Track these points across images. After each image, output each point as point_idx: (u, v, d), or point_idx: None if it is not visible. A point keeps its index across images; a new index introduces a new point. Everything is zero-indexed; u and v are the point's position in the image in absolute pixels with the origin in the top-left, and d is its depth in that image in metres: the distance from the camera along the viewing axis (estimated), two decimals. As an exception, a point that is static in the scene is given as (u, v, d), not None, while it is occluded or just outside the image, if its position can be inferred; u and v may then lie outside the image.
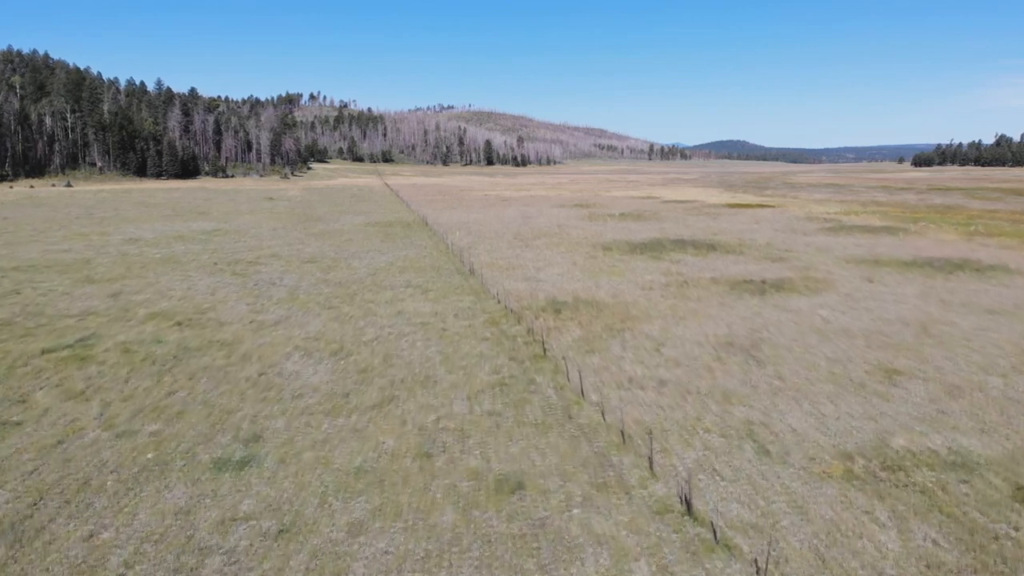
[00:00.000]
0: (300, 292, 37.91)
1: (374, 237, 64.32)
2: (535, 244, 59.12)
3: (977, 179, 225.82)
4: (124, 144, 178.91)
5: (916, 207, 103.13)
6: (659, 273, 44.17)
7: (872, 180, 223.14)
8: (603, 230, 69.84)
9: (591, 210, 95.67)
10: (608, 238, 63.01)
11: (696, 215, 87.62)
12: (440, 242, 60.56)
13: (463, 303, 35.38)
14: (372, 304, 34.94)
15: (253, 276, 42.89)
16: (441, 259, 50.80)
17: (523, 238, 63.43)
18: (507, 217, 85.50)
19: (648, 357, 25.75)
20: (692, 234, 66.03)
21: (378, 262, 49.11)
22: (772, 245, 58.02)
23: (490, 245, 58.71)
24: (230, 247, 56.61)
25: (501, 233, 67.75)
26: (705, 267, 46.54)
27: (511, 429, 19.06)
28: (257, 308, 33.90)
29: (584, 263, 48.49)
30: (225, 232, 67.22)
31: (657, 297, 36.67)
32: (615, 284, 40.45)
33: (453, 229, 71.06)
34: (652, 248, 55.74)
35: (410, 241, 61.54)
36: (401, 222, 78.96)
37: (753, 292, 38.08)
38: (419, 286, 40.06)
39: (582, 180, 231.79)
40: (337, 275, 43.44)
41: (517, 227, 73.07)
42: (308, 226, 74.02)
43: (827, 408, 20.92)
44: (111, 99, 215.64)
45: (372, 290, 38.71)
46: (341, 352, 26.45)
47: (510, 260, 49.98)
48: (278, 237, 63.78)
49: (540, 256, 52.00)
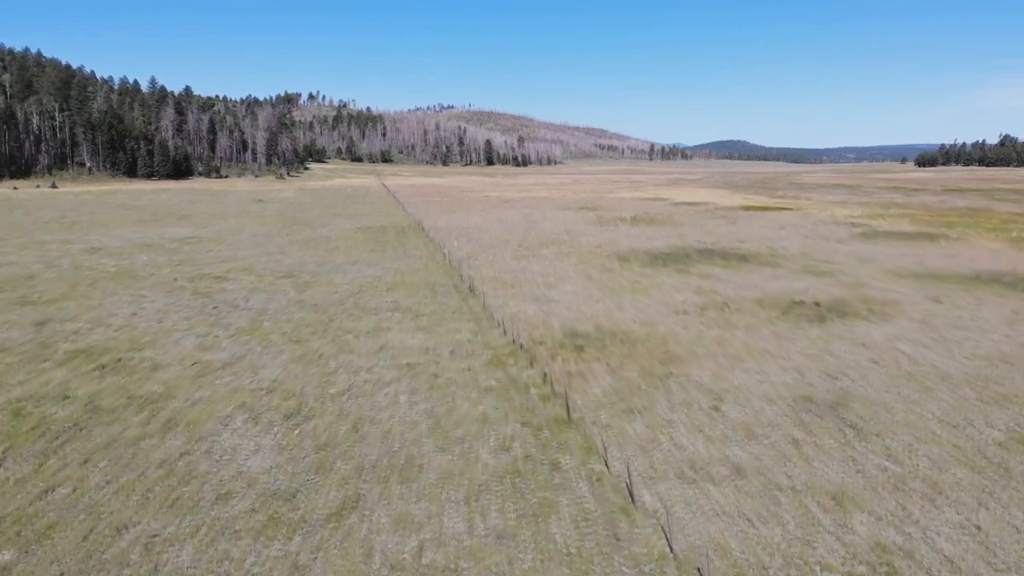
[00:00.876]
0: (265, 318, 31.28)
1: (363, 245, 57.69)
2: (542, 254, 52.51)
3: (986, 179, 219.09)
4: (113, 144, 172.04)
5: (940, 210, 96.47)
6: (690, 291, 37.54)
7: (880, 180, 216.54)
8: (616, 236, 63.21)
9: (599, 213, 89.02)
10: (623, 246, 56.38)
11: (713, 219, 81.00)
12: (437, 251, 53.95)
13: (461, 333, 28.79)
14: (350, 336, 28.32)
15: (216, 296, 36.25)
16: (437, 272, 44.20)
17: (529, 246, 56.81)
18: (510, 221, 78.89)
19: (708, 422, 19.15)
20: (715, 241, 59.42)
21: (364, 276, 42.49)
22: (808, 255, 51.42)
23: (492, 255, 52.11)
24: (201, 257, 49.97)
25: (504, 240, 61.14)
26: (742, 283, 39.91)
27: (534, 571, 12.45)
28: (207, 343, 27.28)
29: (601, 278, 41.88)
30: (200, 239, 60.57)
31: (697, 325, 30.06)
32: (642, 306, 33.82)
33: (451, 235, 64.47)
34: (676, 259, 49.10)
35: (403, 250, 54.91)
36: (395, 227, 72.32)
37: (810, 318, 31.47)
38: (409, 309, 33.45)
39: (584, 180, 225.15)
40: (314, 294, 36.80)
41: (521, 233, 66.47)
42: (293, 232, 67.38)
43: (983, 518, 14.34)
44: (103, 98, 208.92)
45: (352, 315, 32.08)
46: (299, 413, 19.84)
47: (516, 274, 43.38)
48: (257, 245, 57.14)
49: (550, 269, 45.39)
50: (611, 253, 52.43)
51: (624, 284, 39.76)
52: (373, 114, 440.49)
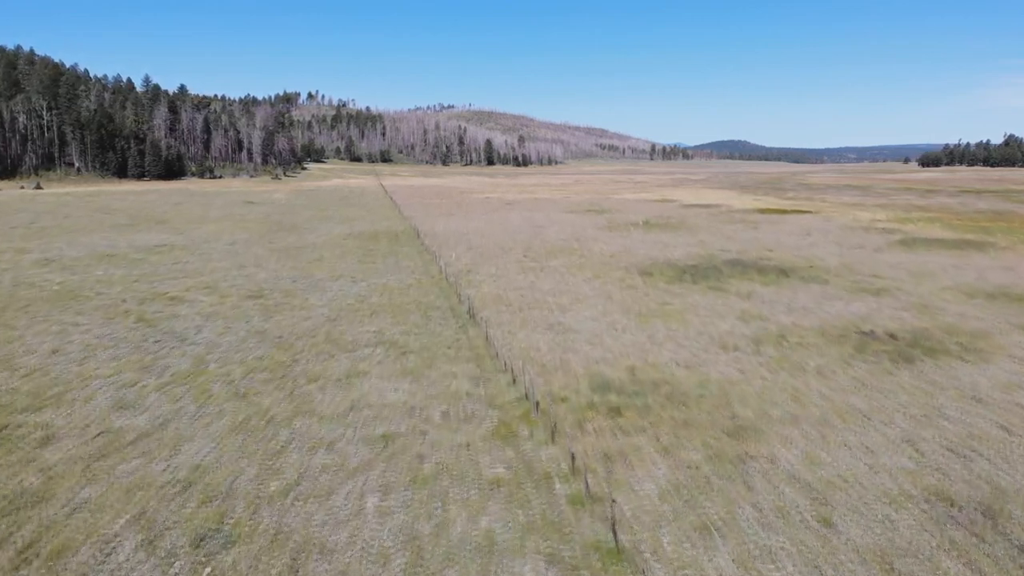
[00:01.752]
0: (213, 358, 24.80)
1: (351, 255, 51.22)
2: (552, 265, 46.05)
3: (996, 180, 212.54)
4: (103, 143, 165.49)
5: (966, 213, 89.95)
6: (734, 317, 31.07)
7: (889, 181, 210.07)
8: (630, 244, 56.74)
9: (607, 217, 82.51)
10: (641, 256, 49.91)
11: (730, 223, 74.55)
12: (433, 262, 47.50)
13: (458, 381, 22.35)
14: (314, 386, 21.86)
15: (162, 325, 29.78)
16: (431, 291, 37.76)
17: (535, 256, 50.34)
18: (513, 226, 72.43)
19: (824, 552, 12.68)
20: (741, 249, 52.95)
21: (346, 296, 36.02)
22: (851, 268, 44.99)
23: (495, 267, 45.68)
24: (164, 271, 43.50)
25: (507, 248, 54.68)
26: (791, 305, 33.44)
27: None
28: (128, 398, 20.84)
29: (623, 298, 35.42)
30: (171, 248, 54.08)
31: (756, 368, 23.61)
32: (681, 339, 27.37)
33: (450, 242, 58.01)
34: (705, 273, 42.64)
35: (395, 261, 48.45)
36: (389, 233, 65.84)
37: (892, 357, 25.01)
38: (395, 343, 27.00)
39: (587, 181, 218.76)
40: (281, 322, 30.32)
41: (526, 240, 60.00)
42: (277, 238, 60.89)
43: None
44: (96, 96, 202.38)
45: (323, 353, 25.62)
46: (217, 533, 13.37)
47: (523, 293, 36.93)
48: (232, 255, 50.65)
49: (562, 285, 38.94)
50: (629, 265, 45.97)
51: (652, 306, 33.31)
52: (372, 114, 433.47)
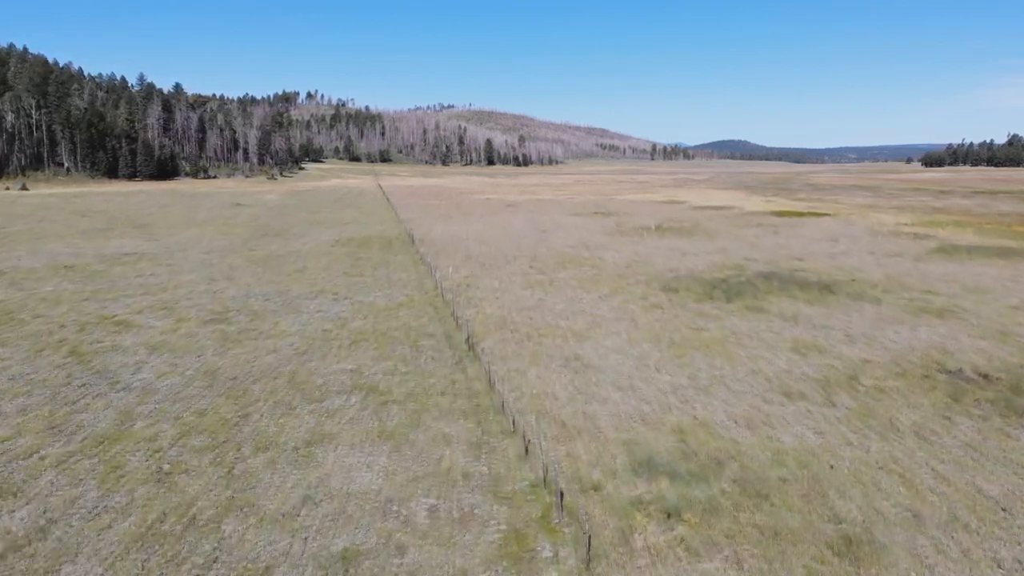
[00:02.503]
0: (141, 415, 19.40)
1: (338, 265, 45.83)
2: (561, 278, 40.69)
3: (1003, 180, 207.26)
4: (93, 143, 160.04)
5: (990, 216, 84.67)
6: (788, 349, 25.67)
7: (896, 181, 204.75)
8: (645, 252, 51.36)
9: (616, 220, 77.12)
10: (660, 266, 44.53)
11: (748, 227, 69.21)
12: (427, 275, 42.15)
13: (453, 453, 16.99)
14: (261, 461, 16.49)
15: (96, 361, 24.40)
16: (424, 311, 32.38)
17: (543, 267, 44.97)
18: (516, 230, 67.05)
19: None
20: (770, 259, 47.59)
21: (324, 319, 30.64)
22: (898, 281, 39.64)
23: (497, 280, 40.31)
24: (121, 286, 38.12)
25: (511, 257, 49.30)
26: (850, 332, 28.05)
27: None
28: (9, 482, 15.47)
29: (649, 320, 30.04)
30: (139, 257, 48.70)
31: (837, 429, 18.22)
32: (731, 381, 22.00)
33: (447, 249, 52.64)
34: (738, 288, 37.22)
35: (386, 273, 43.07)
36: (382, 239, 60.45)
37: (999, 408, 19.62)
38: (374, 388, 21.64)
39: (588, 181, 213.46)
40: (240, 356, 24.92)
41: (531, 246, 54.63)
42: (259, 245, 55.48)
43: None
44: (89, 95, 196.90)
45: (282, 404, 20.25)
46: None
47: (531, 314, 31.55)
48: (205, 265, 45.26)
49: (575, 303, 33.57)
50: (649, 277, 40.57)
51: (685, 333, 27.94)
52: (372, 113, 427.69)
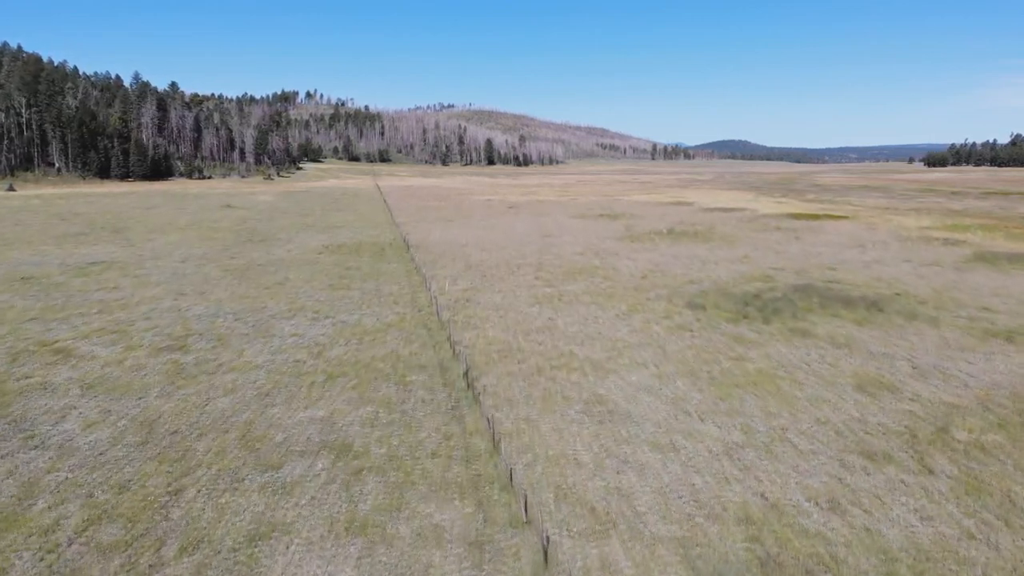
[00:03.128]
0: (47, 487, 14.74)
1: (323, 276, 41.31)
2: (572, 292, 36.18)
3: (1010, 181, 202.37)
4: (84, 142, 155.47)
5: (1013, 219, 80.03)
6: (853, 387, 21.13)
7: (902, 181, 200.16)
8: (661, 260, 46.85)
9: (624, 223, 72.61)
10: (680, 276, 40.02)
11: (765, 231, 64.72)
12: (422, 287, 37.64)
13: (445, 556, 12.45)
14: (187, 561, 11.92)
15: (14, 406, 19.81)
16: (416, 335, 27.89)
17: (550, 277, 40.46)
18: (519, 234, 62.53)
19: None
20: (799, 268, 43.06)
21: (298, 346, 26.11)
22: (947, 295, 35.13)
23: (500, 294, 35.82)
24: (76, 303, 33.61)
25: (514, 266, 44.79)
26: (915, 362, 23.54)
27: None
28: None
29: (680, 347, 25.53)
30: (107, 267, 44.18)
31: (953, 515, 13.67)
32: (795, 436, 17.48)
33: (445, 257, 48.16)
34: (773, 305, 32.67)
35: (375, 286, 38.56)
36: (374, 245, 55.95)
37: None
38: (347, 448, 17.10)
39: (590, 181, 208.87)
40: (188, 400, 20.40)
41: (536, 253, 50.13)
42: (241, 252, 50.96)
43: None
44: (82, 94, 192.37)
45: (227, 475, 15.67)
46: None
47: (540, 339, 27.04)
48: (176, 278, 40.74)
49: (590, 324, 29.08)
50: (669, 290, 36.05)
51: (726, 365, 23.40)
52: (371, 113, 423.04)
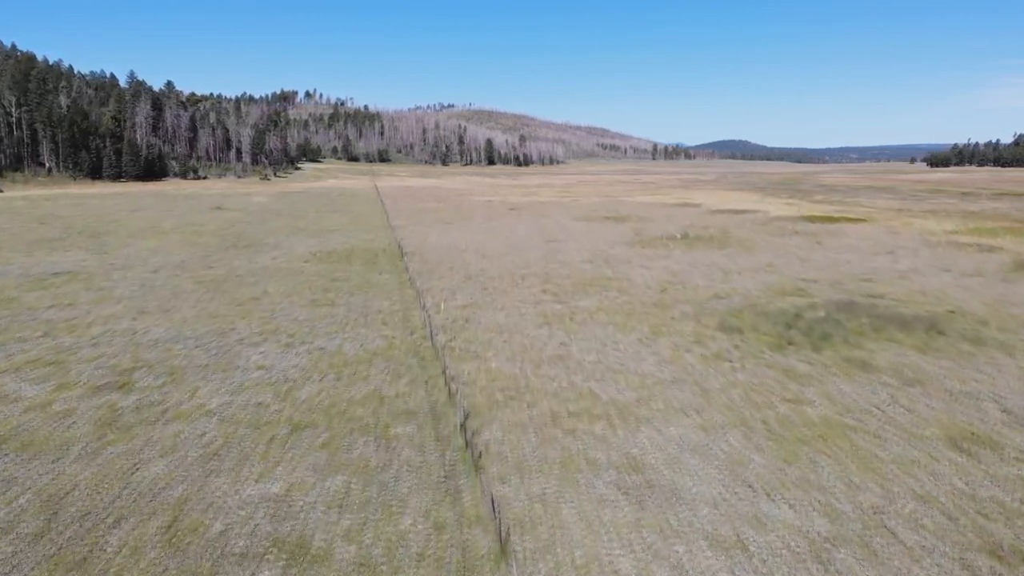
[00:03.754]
0: None
1: (305, 290, 37.03)
2: (584, 309, 31.92)
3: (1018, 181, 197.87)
4: (75, 142, 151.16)
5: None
6: (945, 443, 16.83)
7: (908, 182, 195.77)
8: (679, 269, 42.58)
9: (633, 226, 68.35)
10: (703, 290, 35.71)
11: (782, 235, 60.48)
12: (415, 303, 33.41)
13: None
14: None
15: None
16: (405, 369, 23.64)
17: (559, 291, 36.19)
18: (521, 239, 58.27)
19: None
20: (833, 279, 38.78)
21: (264, 381, 21.83)
22: (1006, 312, 30.90)
23: (504, 312, 31.57)
24: (23, 322, 29.32)
25: (519, 275, 40.53)
26: (1006, 406, 19.20)
27: None
28: None
29: (721, 384, 21.26)
30: (71, 278, 39.86)
31: None
32: (896, 526, 13.15)
33: (442, 266, 43.91)
34: (818, 328, 28.40)
35: (363, 301, 34.31)
36: (367, 251, 51.71)
37: None
38: (304, 550, 12.79)
39: (592, 182, 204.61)
40: (115, 462, 16.06)
41: (542, 261, 45.88)
42: (221, 261, 46.70)
43: None
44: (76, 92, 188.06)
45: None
46: None
47: (553, 374, 22.75)
48: (142, 292, 36.46)
49: (610, 352, 24.80)
50: (696, 307, 31.77)
51: (783, 411, 19.14)
52: (371, 112, 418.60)
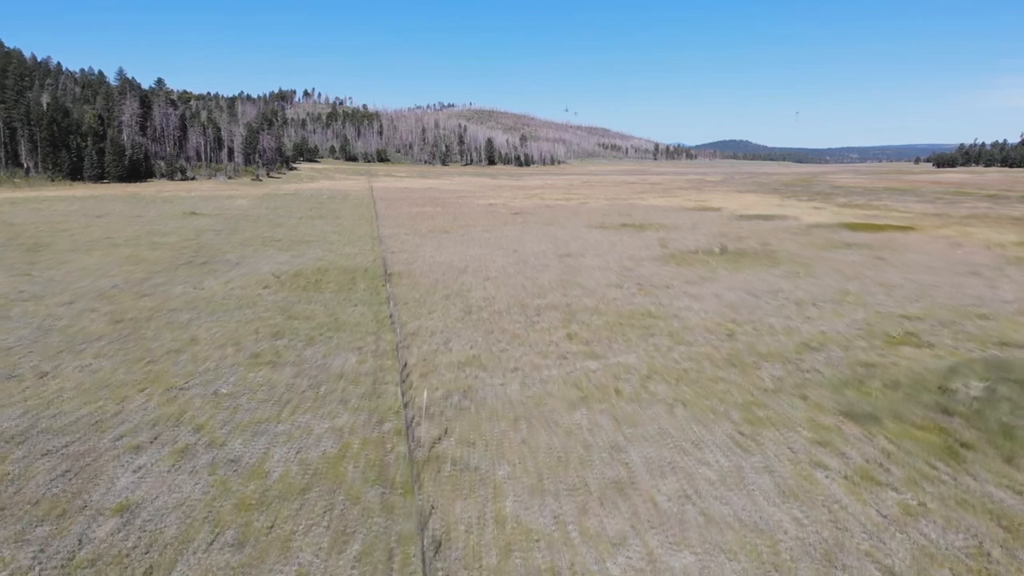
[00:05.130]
0: None
1: (249, 336, 27.61)
2: (632, 372, 22.55)
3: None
4: (55, 141, 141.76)
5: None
6: None
7: (923, 183, 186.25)
8: (738, 302, 33.20)
9: (657, 236, 58.98)
10: (787, 338, 26.33)
11: (831, 249, 51.17)
12: (391, 360, 24.09)
13: None
14: None
15: None
16: (356, 519, 14.25)
17: (589, 337, 26.79)
18: (530, 254, 48.90)
19: None
20: (944, 320, 29.45)
21: (112, 557, 12.71)
22: None
23: (519, 377, 22.20)
24: None
25: (532, 310, 31.17)
26: None
27: None
28: None
29: (911, 564, 12.16)
30: (-45, 312, 30.62)
31: None
32: None
33: (436, 294, 34.59)
34: (982, 414, 19.06)
35: (322, 355, 24.91)
36: (344, 271, 42.38)
37: None
38: None
39: (597, 183, 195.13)
40: None
41: (559, 287, 36.52)
42: (163, 286, 37.32)
43: None
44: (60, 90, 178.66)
45: None
46: None
47: (614, 527, 13.48)
48: (35, 339, 27.06)
49: (694, 470, 15.45)
50: (789, 369, 22.41)
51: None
52: (370, 112, 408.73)
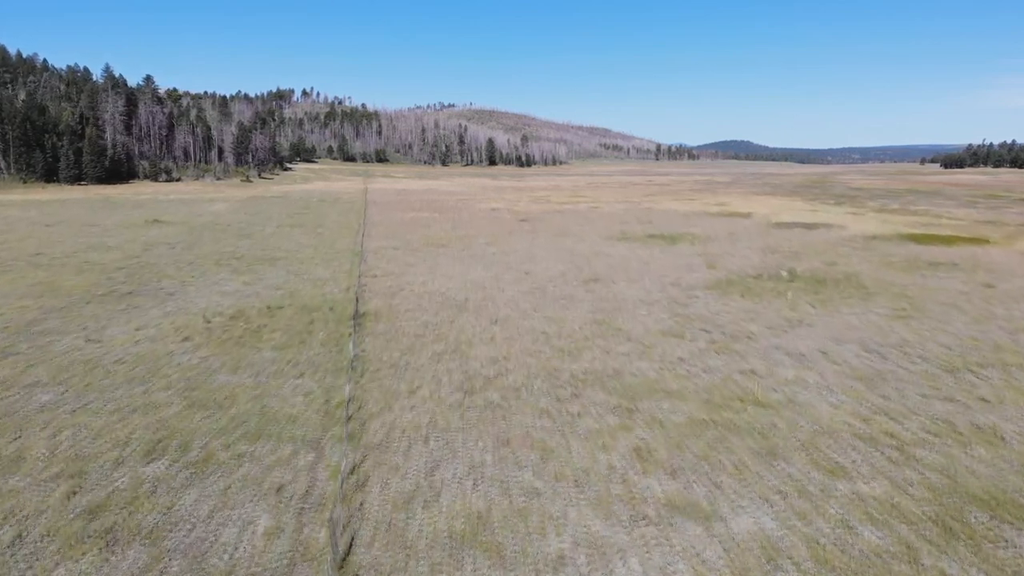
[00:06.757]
0: None
1: (127, 439, 17.18)
2: (767, 552, 12.32)
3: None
4: (28, 140, 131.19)
5: None
6: None
7: (944, 184, 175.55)
8: (868, 371, 22.61)
9: (696, 251, 48.47)
10: (985, 460, 16.08)
11: (917, 270, 40.68)
12: (328, 505, 13.69)
13: None
14: None
15: None
16: None
17: (660, 449, 16.12)
18: (546, 278, 38.35)
19: None
20: None
21: None
22: None
23: (574, 569, 11.98)
24: None
25: (565, 387, 20.66)
26: None
27: None
28: None
29: None
30: None
31: None
32: None
33: (420, 354, 24.08)
34: None
35: (227, 489, 14.18)
36: (303, 310, 31.81)
37: None
38: None
39: (603, 184, 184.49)
40: None
41: (594, 337, 25.96)
42: (45, 335, 26.83)
43: None
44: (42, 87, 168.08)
45: None
46: None
47: None
48: None
49: None
50: None
51: None
52: (368, 111, 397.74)
